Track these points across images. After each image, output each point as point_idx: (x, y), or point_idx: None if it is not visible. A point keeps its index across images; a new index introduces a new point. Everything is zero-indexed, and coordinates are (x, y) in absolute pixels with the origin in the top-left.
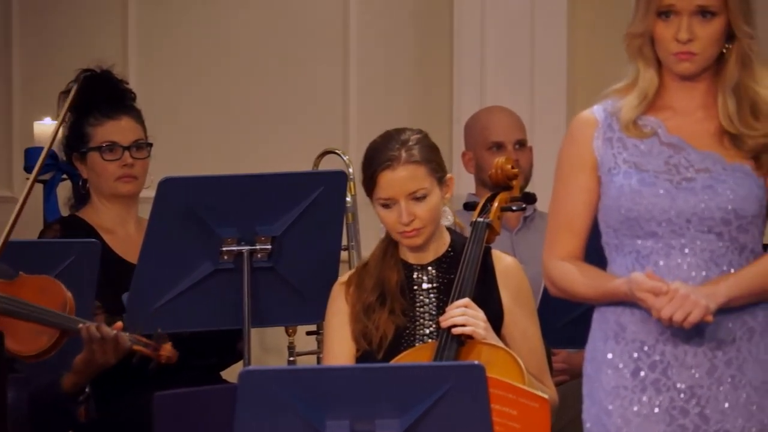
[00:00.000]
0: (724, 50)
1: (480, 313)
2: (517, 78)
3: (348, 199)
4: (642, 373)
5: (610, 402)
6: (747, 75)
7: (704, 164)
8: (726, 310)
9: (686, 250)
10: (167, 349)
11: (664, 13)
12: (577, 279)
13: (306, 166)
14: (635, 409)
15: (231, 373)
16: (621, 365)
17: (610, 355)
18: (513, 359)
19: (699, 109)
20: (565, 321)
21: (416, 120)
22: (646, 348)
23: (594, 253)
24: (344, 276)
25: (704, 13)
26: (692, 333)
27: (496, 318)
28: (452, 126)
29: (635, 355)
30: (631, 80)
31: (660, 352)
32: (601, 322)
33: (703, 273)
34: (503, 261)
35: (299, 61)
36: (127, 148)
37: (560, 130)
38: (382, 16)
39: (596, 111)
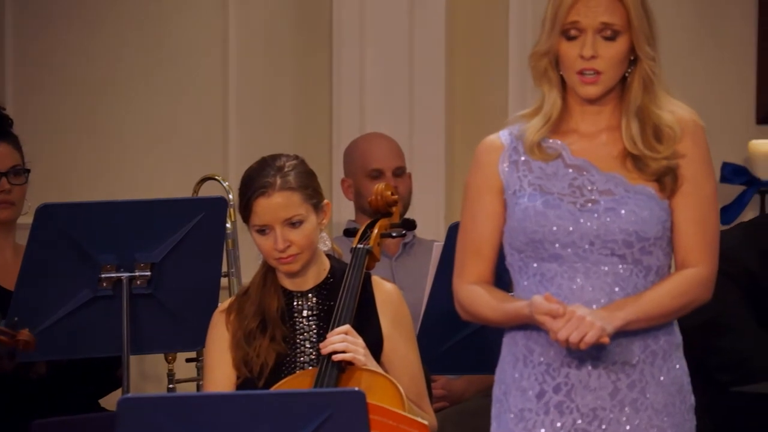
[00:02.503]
0: (627, 74)
1: (360, 340)
2: (395, 105)
3: (228, 225)
4: (547, 396)
5: (515, 424)
6: (649, 98)
7: (607, 186)
8: (630, 333)
9: (590, 273)
10: (25, 335)
11: (570, 37)
12: (485, 303)
13: (185, 193)
14: (539, 431)
15: (110, 401)
16: (527, 387)
17: (517, 378)
18: (393, 385)
19: (603, 133)
20: (444, 347)
21: (296, 146)
22: (551, 370)
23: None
24: (225, 303)
25: (608, 34)
26: (597, 356)
27: (376, 344)
28: (332, 152)
29: (541, 377)
30: (537, 105)
31: (565, 374)
32: (511, 345)
33: (607, 296)
34: (383, 287)
35: (178, 86)
36: (5, 174)
37: (439, 157)
38: (262, 41)
39: (502, 135)
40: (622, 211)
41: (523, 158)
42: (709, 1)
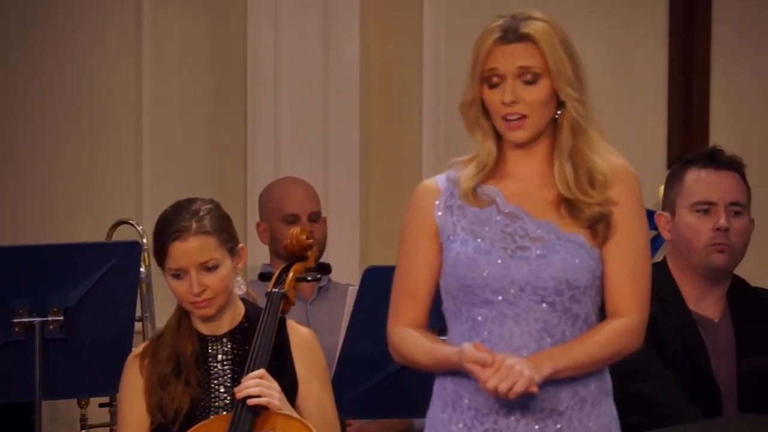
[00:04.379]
0: (557, 116)
1: (275, 384)
2: (310, 149)
3: (142, 269)
4: None
5: None
6: (581, 141)
7: (539, 233)
8: (559, 380)
9: (520, 319)
10: None
11: (492, 84)
12: (416, 347)
13: (99, 237)
14: None
15: None
16: None
17: (446, 421)
18: (307, 429)
19: (536, 177)
20: (359, 391)
21: (211, 190)
22: (480, 416)
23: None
24: (138, 348)
25: (528, 78)
26: (525, 402)
27: (290, 388)
28: (247, 196)
29: (470, 422)
30: (475, 153)
31: (493, 420)
32: (441, 390)
33: (536, 343)
34: (298, 332)
35: (92, 130)
36: None
37: (353, 201)
38: (176, 84)
39: (438, 180)
40: (554, 259)
41: (457, 203)
42: (621, 47)
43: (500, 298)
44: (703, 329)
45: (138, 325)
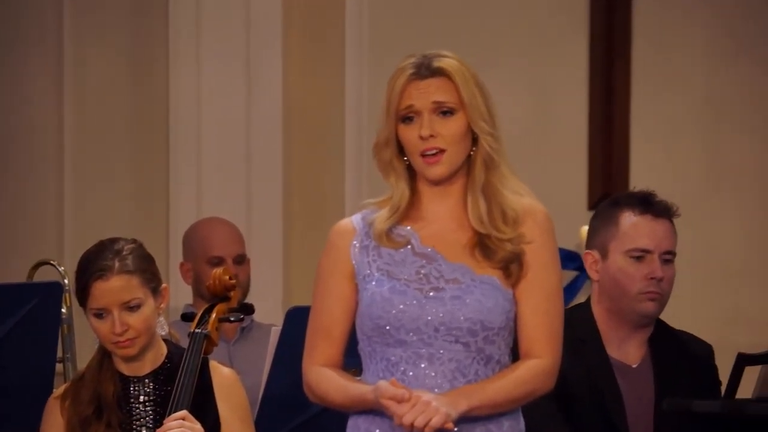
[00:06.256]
0: (472, 152)
1: (197, 425)
2: (233, 190)
3: (63, 310)
4: None
5: None
6: (494, 176)
7: (454, 275)
8: (473, 418)
9: (434, 359)
10: None
11: (407, 118)
12: (332, 386)
13: (20, 278)
14: None
15: None
16: None
17: None
18: None
19: (452, 220)
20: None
21: (133, 230)
22: None
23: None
24: (59, 389)
25: (443, 111)
26: None
27: (213, 429)
28: (169, 237)
29: None
30: (389, 195)
31: None
32: (353, 429)
33: (450, 383)
34: (221, 372)
35: (13, 170)
36: None
37: (276, 242)
38: (98, 124)
39: (354, 220)
40: (468, 300)
41: (373, 244)
42: (542, 88)
43: (415, 338)
44: (620, 374)
45: (59, 367)
